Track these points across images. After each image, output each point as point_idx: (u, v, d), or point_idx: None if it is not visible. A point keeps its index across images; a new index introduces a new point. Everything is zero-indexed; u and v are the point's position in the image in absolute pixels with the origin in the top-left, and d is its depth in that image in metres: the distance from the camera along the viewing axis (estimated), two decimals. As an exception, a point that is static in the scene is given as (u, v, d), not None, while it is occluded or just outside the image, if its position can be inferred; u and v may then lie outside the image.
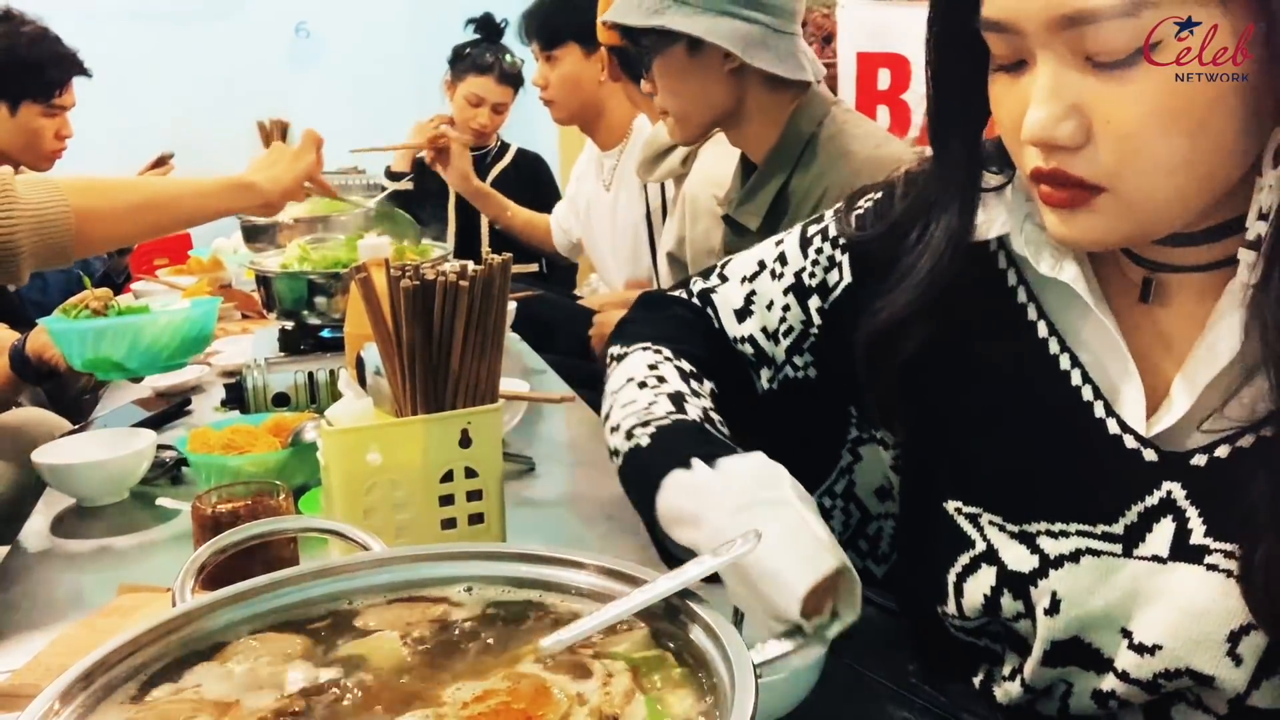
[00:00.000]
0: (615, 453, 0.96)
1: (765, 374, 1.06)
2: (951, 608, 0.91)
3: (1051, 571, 0.85)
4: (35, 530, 1.46)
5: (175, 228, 1.79)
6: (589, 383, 1.70)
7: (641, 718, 0.62)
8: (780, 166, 1.76)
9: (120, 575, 1.28)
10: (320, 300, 1.92)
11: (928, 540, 0.95)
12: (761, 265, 1.07)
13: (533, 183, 3.67)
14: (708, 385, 1.01)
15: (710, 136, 1.98)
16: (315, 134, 1.92)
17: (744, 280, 1.08)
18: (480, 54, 3.64)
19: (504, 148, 3.79)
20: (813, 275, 1.03)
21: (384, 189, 3.56)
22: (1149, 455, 0.82)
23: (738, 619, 1.09)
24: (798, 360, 1.04)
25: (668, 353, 1.04)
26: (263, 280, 1.98)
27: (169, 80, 5.15)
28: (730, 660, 0.62)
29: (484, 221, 3.44)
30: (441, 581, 0.74)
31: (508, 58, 3.64)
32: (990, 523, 0.89)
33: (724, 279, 1.10)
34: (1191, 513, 0.81)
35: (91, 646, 0.95)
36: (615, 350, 1.10)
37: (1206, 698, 0.82)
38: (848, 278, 1.01)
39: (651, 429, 0.92)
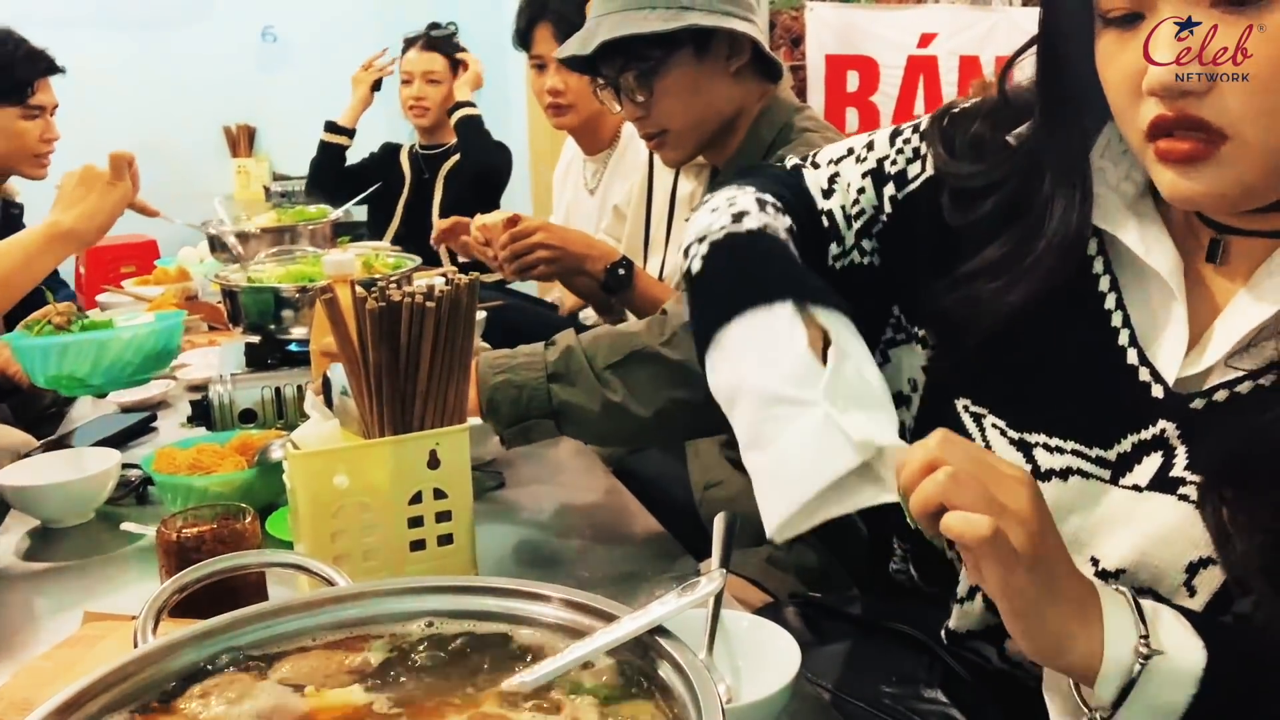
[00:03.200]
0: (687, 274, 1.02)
1: (834, 250, 1.07)
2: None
3: (1040, 484, 0.86)
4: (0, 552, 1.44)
5: (21, 296, 1.76)
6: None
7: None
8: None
9: (85, 599, 1.27)
10: (287, 314, 1.90)
11: (928, 425, 0.96)
12: (850, 151, 1.10)
13: (489, 176, 3.64)
14: (786, 220, 1.03)
15: None
16: (124, 156, 1.84)
17: (831, 162, 1.10)
18: (411, 37, 3.72)
19: (465, 143, 3.77)
20: (894, 163, 1.05)
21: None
22: (1156, 391, 0.85)
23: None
24: (865, 245, 1.06)
25: (752, 189, 1.06)
26: (228, 293, 1.96)
27: (136, 86, 5.12)
28: (698, 697, 0.62)
29: (435, 217, 3.41)
30: (404, 616, 0.74)
31: (435, 31, 3.67)
32: (993, 425, 0.93)
33: (815, 165, 1.12)
34: (1179, 450, 0.84)
35: (55, 679, 0.94)
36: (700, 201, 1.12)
37: None
38: (929, 170, 1.02)
39: (705, 246, 0.98)
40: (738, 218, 1.00)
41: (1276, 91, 0.73)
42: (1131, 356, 0.87)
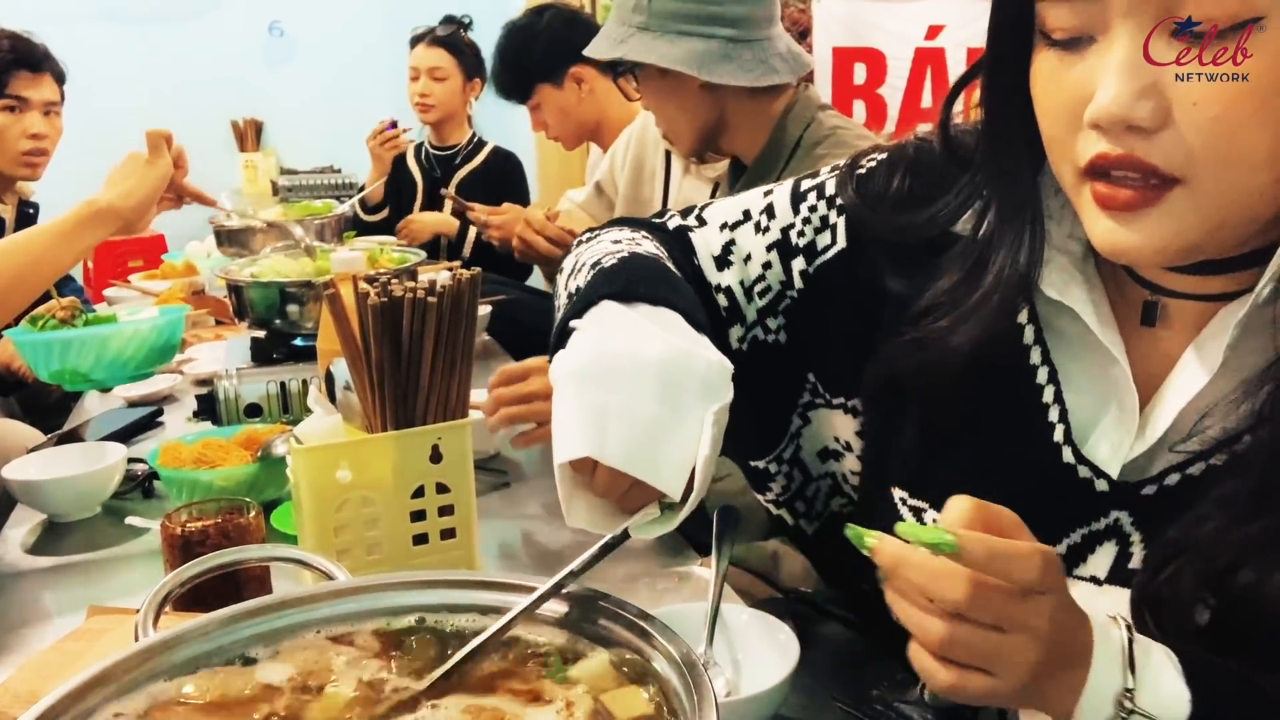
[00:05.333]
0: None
1: (735, 332, 1.00)
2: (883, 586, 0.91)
3: None
4: (6, 546, 1.45)
5: (49, 284, 1.72)
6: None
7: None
8: (768, 169, 1.77)
9: (90, 593, 1.28)
10: (292, 309, 1.91)
11: (872, 519, 0.93)
12: (746, 215, 1.01)
13: (501, 184, 3.59)
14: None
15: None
16: (161, 134, 1.78)
17: (724, 227, 1.01)
18: (419, 33, 3.67)
19: (478, 146, 3.75)
20: (801, 234, 0.97)
21: (360, 188, 3.55)
22: (1100, 485, 0.81)
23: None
24: (770, 322, 0.99)
25: (640, 233, 1.00)
26: (234, 288, 1.97)
27: (143, 81, 5.13)
28: (693, 688, 0.62)
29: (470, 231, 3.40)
30: (404, 610, 0.74)
31: (447, 25, 3.64)
32: (934, 520, 0.87)
33: (703, 222, 1.04)
34: (1135, 538, 0.80)
35: (60, 671, 0.95)
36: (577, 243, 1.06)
37: None
38: (841, 243, 0.95)
39: (614, 259, 0.90)
40: (637, 243, 0.97)
41: (1240, 132, 0.65)
42: (1067, 455, 0.81)
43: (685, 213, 1.07)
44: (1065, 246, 0.83)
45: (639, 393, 0.74)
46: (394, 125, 3.80)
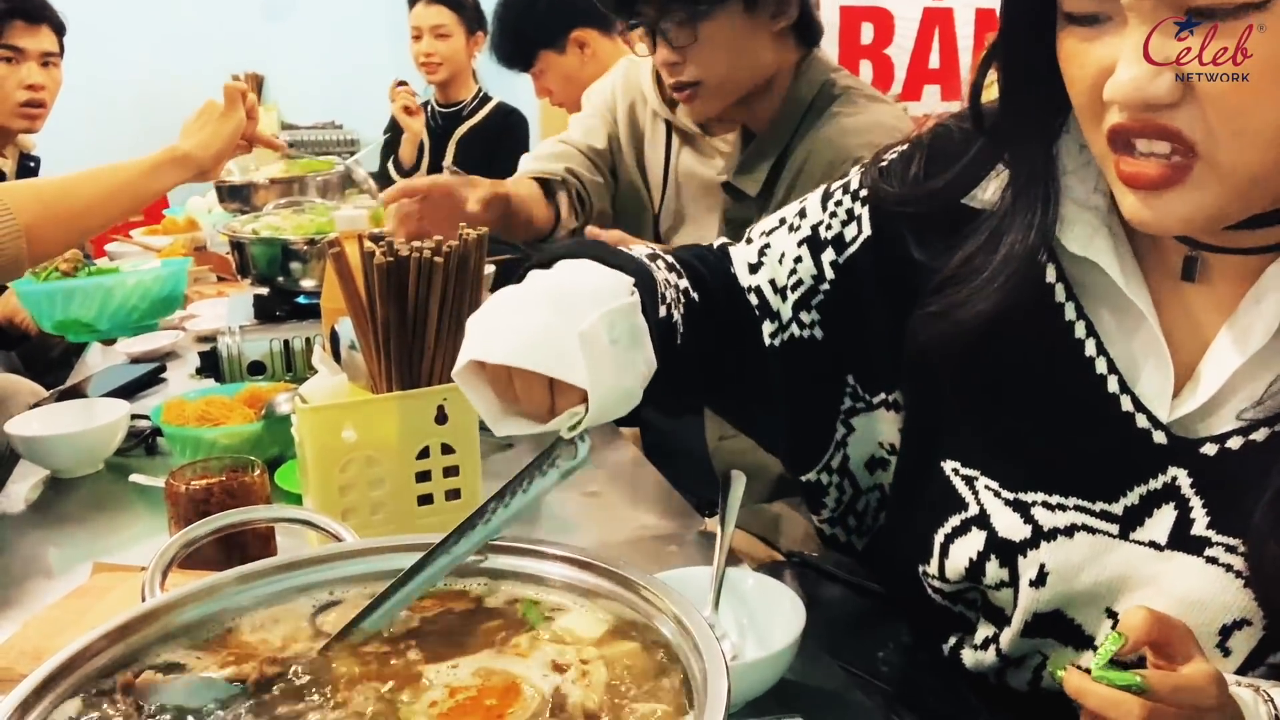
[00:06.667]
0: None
1: (769, 327, 1.01)
2: (934, 568, 0.91)
3: (1043, 543, 0.85)
4: (9, 502, 1.45)
5: (123, 218, 1.75)
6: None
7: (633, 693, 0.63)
8: (780, 134, 1.69)
9: (94, 549, 1.28)
10: (295, 266, 1.89)
11: (920, 499, 0.94)
12: (781, 221, 1.04)
13: (497, 140, 3.55)
14: (682, 280, 0.98)
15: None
16: (239, 88, 1.84)
17: (761, 235, 1.05)
18: None
19: (483, 102, 3.71)
20: (829, 228, 0.99)
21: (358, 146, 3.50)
22: (1159, 438, 0.81)
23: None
24: (804, 317, 1.01)
25: (653, 250, 1.01)
26: (237, 245, 1.95)
27: (144, 34, 5.08)
28: (700, 651, 0.62)
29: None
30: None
31: None
32: (986, 487, 0.89)
33: (748, 240, 1.07)
34: (1195, 502, 0.81)
35: (66, 629, 0.95)
36: None
37: None
38: (866, 231, 0.97)
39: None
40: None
41: (1255, 105, 0.67)
42: (1125, 404, 0.83)
43: (737, 239, 1.10)
44: (1089, 202, 0.84)
45: (528, 308, 0.79)
46: (403, 84, 3.74)
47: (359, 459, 1.13)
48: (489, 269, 2.30)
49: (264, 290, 1.96)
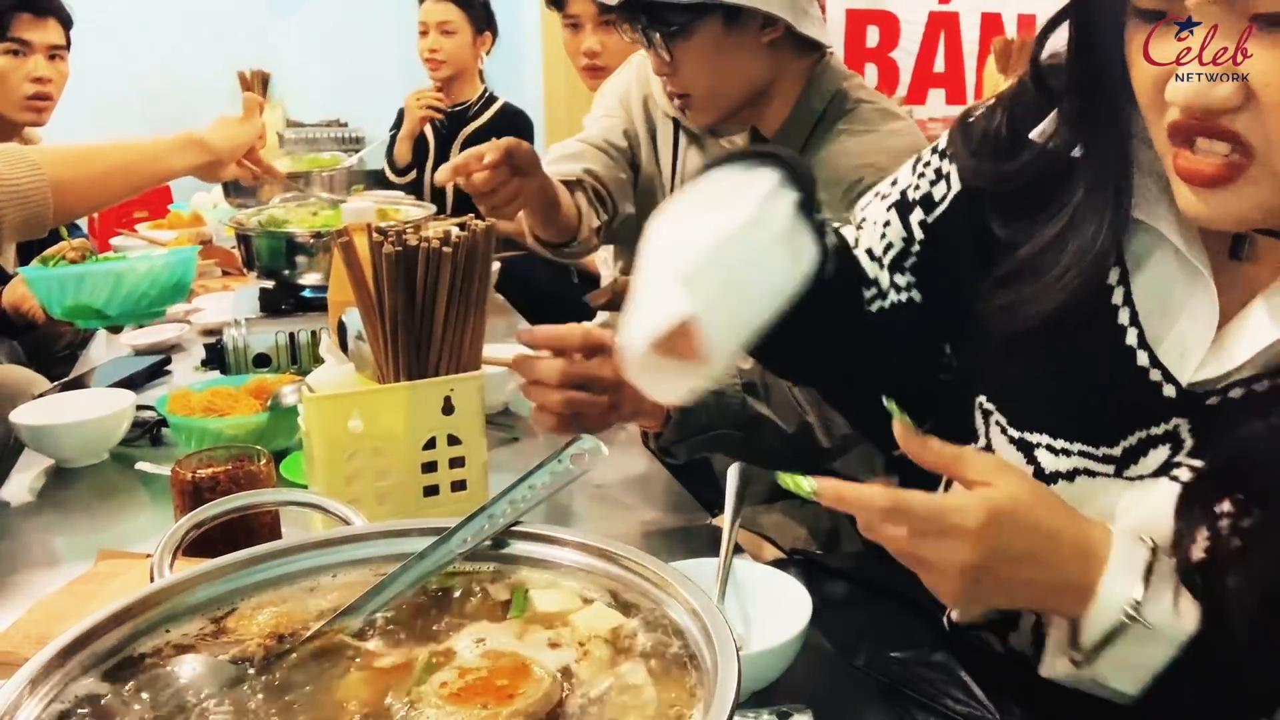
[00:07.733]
0: None
1: (869, 293, 1.03)
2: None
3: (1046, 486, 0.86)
4: (13, 491, 1.45)
5: (141, 190, 1.81)
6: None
7: (641, 677, 0.63)
8: (791, 143, 1.65)
9: (99, 538, 1.28)
10: (301, 259, 1.90)
11: (952, 422, 0.96)
12: (875, 193, 1.06)
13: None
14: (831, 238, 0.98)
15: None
16: (254, 98, 1.96)
17: (860, 209, 1.07)
18: None
19: (489, 102, 3.70)
20: (917, 189, 1.01)
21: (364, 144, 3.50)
22: (1168, 391, 0.83)
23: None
24: (899, 280, 1.02)
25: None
26: (243, 238, 1.96)
27: (151, 29, 5.08)
28: (713, 638, 0.62)
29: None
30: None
31: None
32: (996, 422, 0.92)
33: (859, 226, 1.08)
34: (1188, 444, 0.82)
35: (71, 613, 0.95)
36: None
37: None
38: (956, 186, 0.98)
39: None
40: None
41: None
42: (1141, 359, 0.84)
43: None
44: (1153, 168, 0.84)
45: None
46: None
47: (365, 449, 1.12)
48: (494, 265, 2.31)
49: (269, 283, 1.96)
